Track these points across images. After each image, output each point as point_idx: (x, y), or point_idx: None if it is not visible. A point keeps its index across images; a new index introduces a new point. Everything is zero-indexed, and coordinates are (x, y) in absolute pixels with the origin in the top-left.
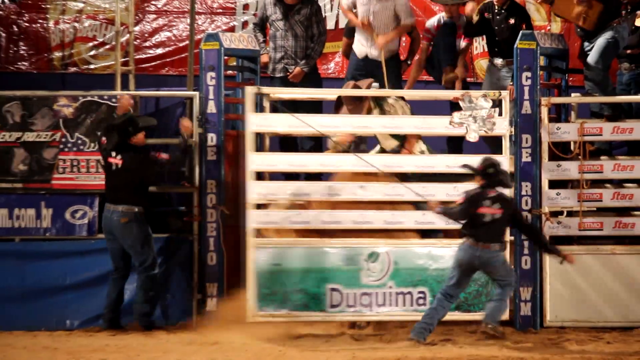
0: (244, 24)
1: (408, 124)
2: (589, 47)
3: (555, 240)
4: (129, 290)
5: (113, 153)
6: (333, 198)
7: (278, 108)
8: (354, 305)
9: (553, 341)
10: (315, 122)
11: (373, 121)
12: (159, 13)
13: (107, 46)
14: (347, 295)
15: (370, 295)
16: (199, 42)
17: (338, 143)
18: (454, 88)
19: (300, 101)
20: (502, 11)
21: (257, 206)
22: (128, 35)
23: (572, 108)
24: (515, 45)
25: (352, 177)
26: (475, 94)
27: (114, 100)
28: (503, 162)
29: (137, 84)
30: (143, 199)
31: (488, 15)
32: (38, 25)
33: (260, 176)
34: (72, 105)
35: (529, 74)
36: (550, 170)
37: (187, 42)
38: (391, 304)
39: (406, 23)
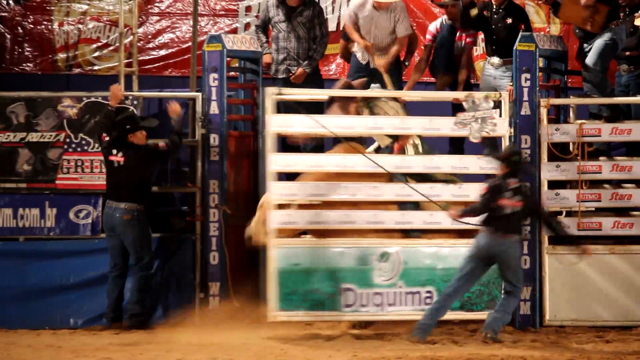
0: (246, 26)
1: (416, 125)
2: (588, 49)
3: (554, 240)
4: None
5: (114, 151)
6: (351, 198)
7: (293, 109)
8: (367, 304)
9: (552, 340)
10: (332, 123)
11: (385, 122)
12: (162, 15)
13: (111, 47)
14: (361, 295)
15: (381, 295)
16: (202, 44)
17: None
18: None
19: (302, 102)
20: (500, 10)
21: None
22: (132, 36)
23: (571, 109)
24: (514, 46)
25: (329, 177)
26: (477, 95)
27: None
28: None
29: (141, 85)
30: (145, 197)
31: (487, 13)
32: (43, 26)
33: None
34: (76, 106)
35: (528, 76)
36: (549, 170)
37: (190, 44)
38: (401, 304)
39: (404, 35)
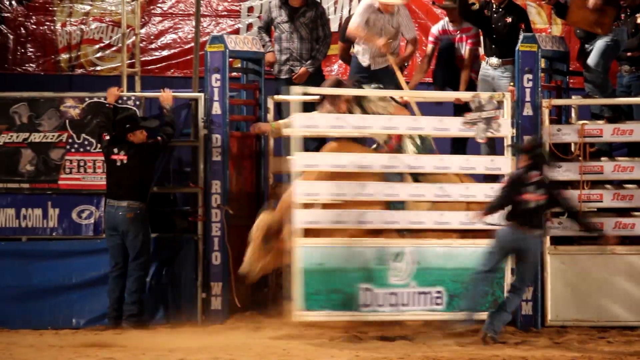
0: (249, 27)
1: (428, 125)
2: (589, 50)
3: (556, 240)
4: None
5: (116, 149)
6: (374, 198)
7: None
8: (383, 304)
9: (554, 340)
10: (352, 123)
11: (400, 122)
12: (165, 16)
13: (114, 48)
14: (377, 295)
15: (396, 294)
16: (204, 45)
17: None
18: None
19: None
20: (500, 9)
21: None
22: (134, 37)
23: (573, 110)
24: (517, 47)
25: (329, 177)
26: (483, 96)
27: (120, 101)
28: (505, 164)
29: (143, 86)
30: (146, 196)
31: (487, 13)
32: (45, 27)
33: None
34: (79, 106)
35: (530, 76)
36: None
37: (193, 45)
38: (414, 304)
39: (413, 37)
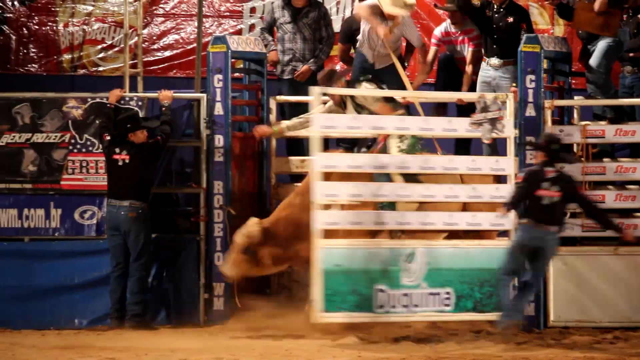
0: (251, 27)
1: (437, 126)
2: (592, 50)
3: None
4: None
5: (117, 149)
6: (394, 199)
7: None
8: (396, 306)
9: (557, 341)
10: (370, 123)
11: (412, 123)
12: (167, 16)
13: (116, 49)
14: (392, 296)
15: (409, 296)
16: (207, 45)
17: None
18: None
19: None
20: (501, 10)
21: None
22: (136, 37)
23: (575, 111)
24: (519, 48)
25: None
26: (488, 96)
27: (122, 102)
28: (508, 165)
29: (146, 86)
30: (147, 195)
31: (489, 13)
32: (48, 27)
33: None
34: (81, 106)
35: (533, 77)
36: None
37: (195, 45)
38: (424, 305)
39: (421, 45)
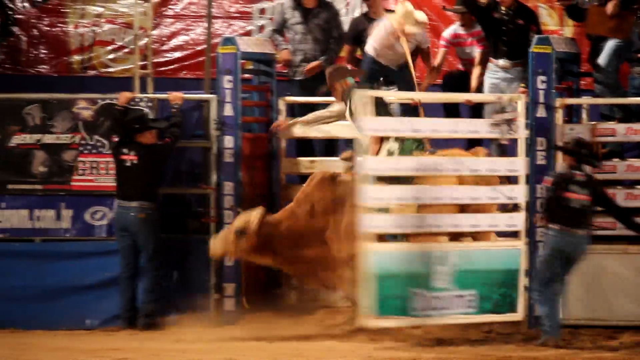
0: (260, 28)
1: (463, 128)
2: (600, 51)
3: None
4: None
5: (125, 150)
6: (446, 202)
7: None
8: (433, 308)
9: (567, 340)
10: (425, 127)
11: (442, 126)
12: (177, 17)
13: (126, 50)
14: (429, 298)
15: (441, 298)
16: (216, 46)
17: None
18: None
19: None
20: (510, 12)
21: None
22: (146, 39)
23: (584, 111)
24: (530, 49)
25: None
26: (505, 97)
27: (132, 103)
28: (520, 165)
29: (155, 87)
30: (155, 196)
31: (497, 15)
32: (58, 29)
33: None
34: (91, 107)
35: (544, 78)
36: None
37: (205, 46)
38: (453, 307)
39: (425, 48)
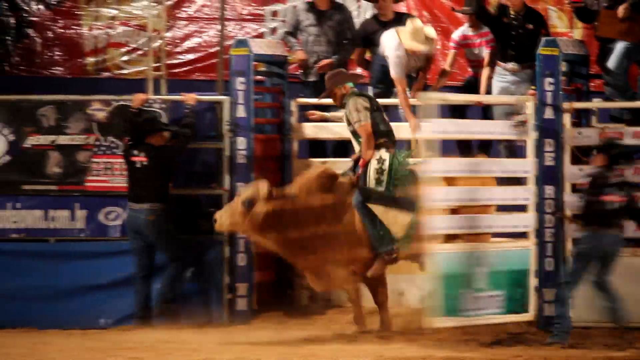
0: (273, 31)
1: (484, 130)
2: (609, 53)
3: (578, 242)
4: (156, 289)
5: (136, 151)
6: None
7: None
8: (474, 308)
9: (576, 341)
10: (469, 129)
11: (494, 127)
12: (190, 20)
13: (140, 52)
14: (472, 299)
15: (482, 298)
16: (229, 48)
17: None
18: None
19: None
20: (519, 17)
21: None
22: (160, 41)
23: (593, 113)
24: (538, 51)
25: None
26: (521, 99)
27: (146, 104)
28: (529, 167)
29: (169, 89)
30: (166, 196)
31: (506, 20)
32: (72, 31)
33: None
34: (105, 109)
35: (552, 80)
36: (572, 173)
37: (217, 48)
38: (488, 307)
39: (431, 57)
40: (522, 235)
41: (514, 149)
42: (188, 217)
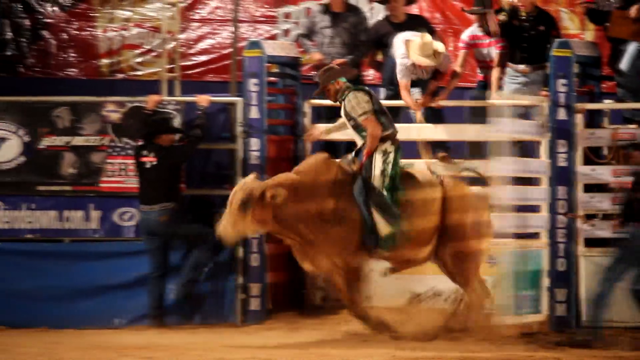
0: (286, 32)
1: (507, 129)
2: (621, 54)
3: (589, 242)
4: (172, 290)
5: (145, 152)
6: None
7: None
8: (524, 307)
9: (588, 341)
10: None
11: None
12: (204, 21)
13: (154, 53)
14: (520, 298)
15: (524, 298)
16: (242, 50)
17: None
18: None
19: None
20: (531, 18)
21: None
22: (174, 42)
23: (605, 114)
24: (550, 53)
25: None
26: (539, 100)
27: (160, 105)
28: (542, 167)
29: (183, 90)
30: (176, 195)
31: (516, 23)
32: (87, 33)
33: None
34: (120, 110)
35: (565, 81)
36: (584, 174)
37: (231, 50)
38: (522, 307)
39: (443, 71)
40: (534, 235)
41: (527, 149)
42: (202, 218)
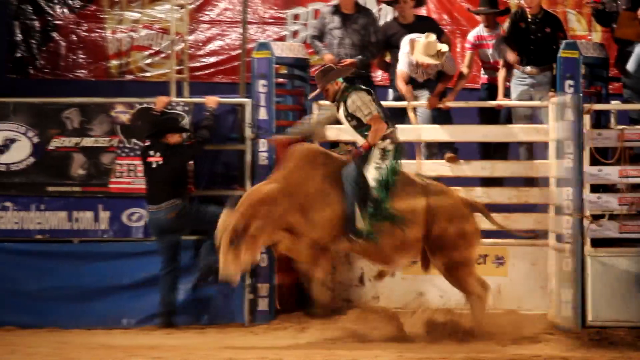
0: (294, 34)
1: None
2: (628, 56)
3: (595, 242)
4: (182, 290)
5: (151, 152)
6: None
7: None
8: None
9: (594, 341)
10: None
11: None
12: (213, 23)
13: (163, 55)
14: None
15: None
16: (251, 51)
17: None
18: None
19: None
20: (537, 20)
21: None
22: (182, 44)
23: (612, 115)
24: (558, 54)
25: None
26: (552, 101)
27: (169, 107)
28: (550, 168)
29: (192, 91)
30: (183, 193)
31: (523, 25)
32: (96, 34)
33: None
34: (129, 111)
35: (572, 82)
36: (591, 174)
37: (239, 51)
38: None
39: (449, 74)
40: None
41: (533, 151)
42: (209, 217)
